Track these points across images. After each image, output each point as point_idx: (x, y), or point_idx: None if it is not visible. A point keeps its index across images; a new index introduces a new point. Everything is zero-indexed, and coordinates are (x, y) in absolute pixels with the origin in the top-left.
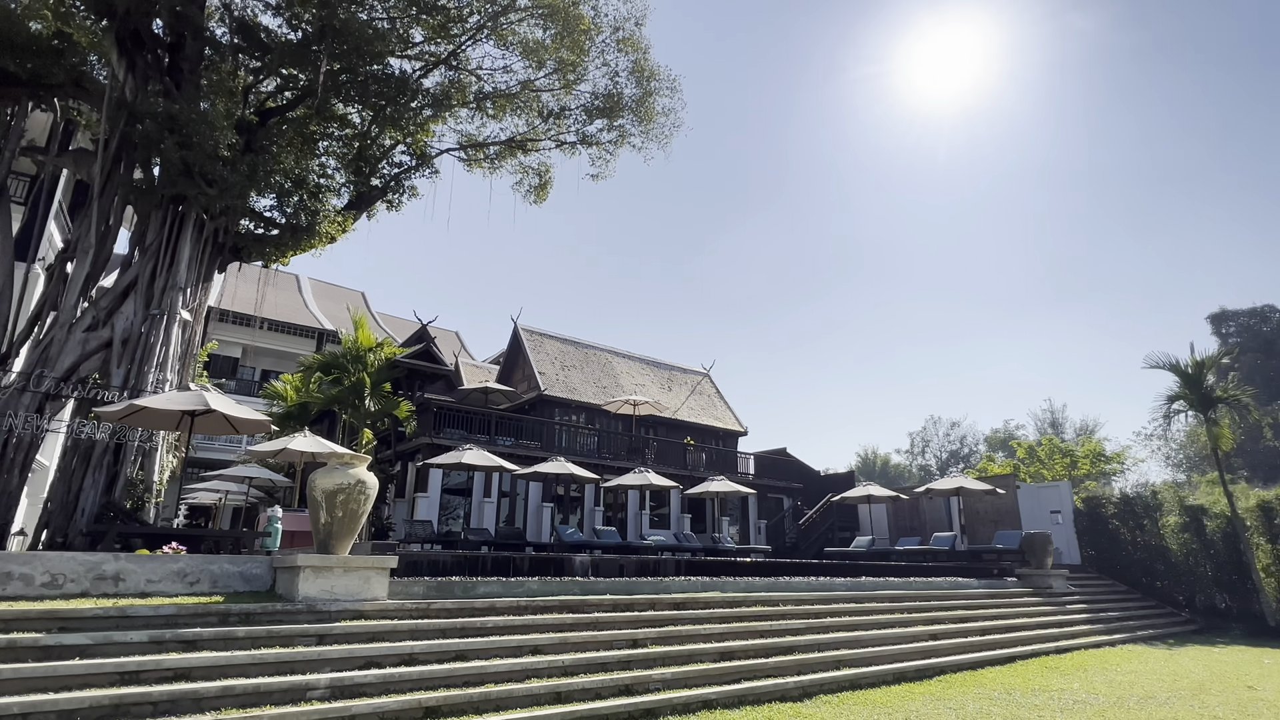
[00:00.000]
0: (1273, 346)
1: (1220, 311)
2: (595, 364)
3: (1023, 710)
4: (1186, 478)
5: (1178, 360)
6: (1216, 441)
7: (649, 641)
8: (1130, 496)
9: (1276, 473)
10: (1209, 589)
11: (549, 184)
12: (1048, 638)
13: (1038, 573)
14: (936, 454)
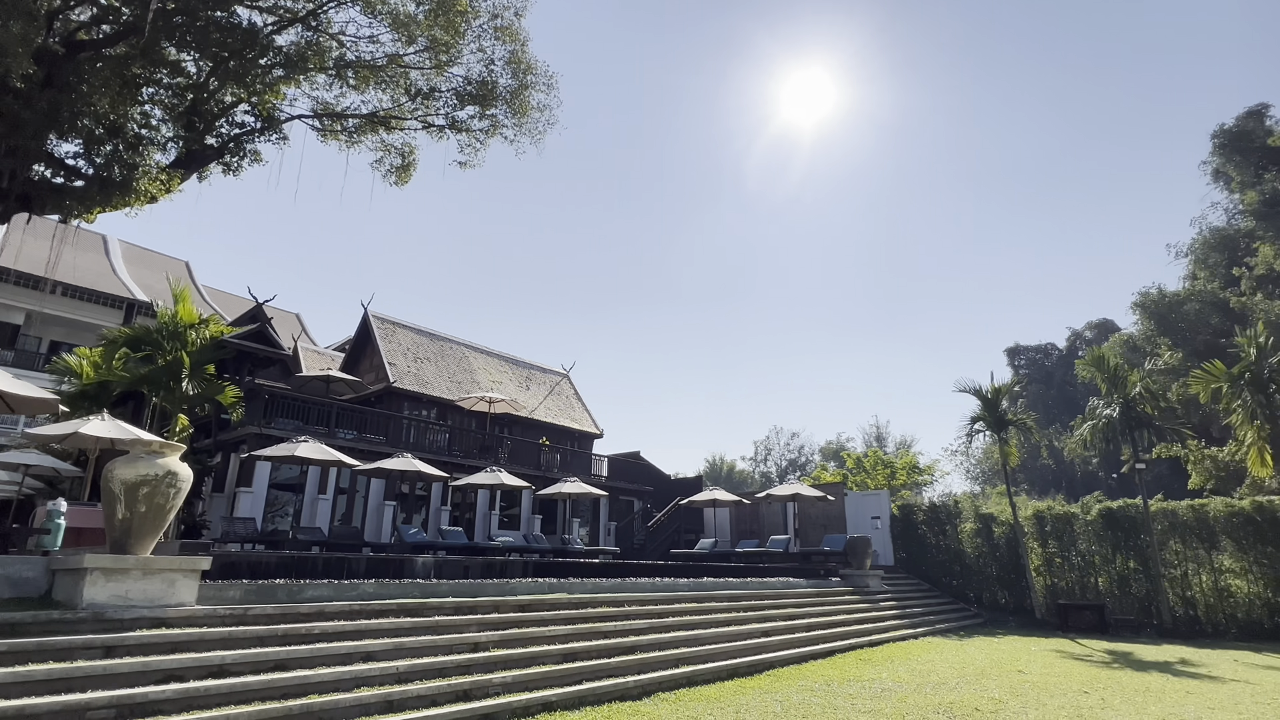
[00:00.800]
0: (1052, 378)
1: (1014, 346)
2: (451, 358)
3: (838, 699)
4: (981, 489)
5: (980, 386)
6: (1006, 458)
7: (491, 645)
8: (937, 505)
9: (1049, 487)
10: (993, 587)
11: (412, 166)
12: (864, 632)
13: (858, 573)
14: (777, 462)
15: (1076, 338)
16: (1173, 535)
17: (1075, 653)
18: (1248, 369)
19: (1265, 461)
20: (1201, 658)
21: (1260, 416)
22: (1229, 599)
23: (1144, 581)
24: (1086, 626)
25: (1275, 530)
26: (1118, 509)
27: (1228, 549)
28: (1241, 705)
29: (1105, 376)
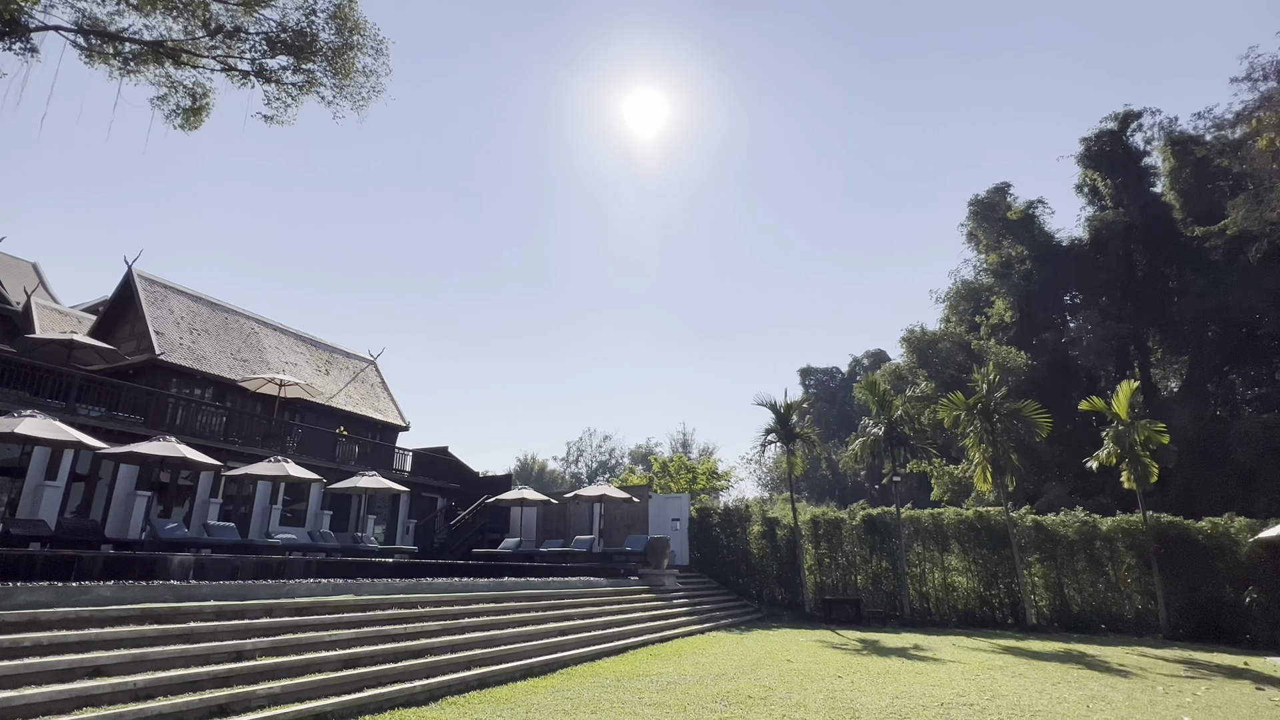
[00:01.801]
0: (835, 398)
1: (807, 367)
2: (237, 333)
3: (627, 694)
4: (770, 496)
5: (775, 402)
6: (792, 468)
7: (259, 653)
8: (731, 509)
9: (825, 495)
10: (773, 584)
11: (205, 110)
12: (657, 629)
13: (656, 572)
14: (589, 463)
15: (857, 364)
16: (917, 539)
17: (835, 642)
18: (980, 401)
19: (986, 479)
20: (930, 643)
21: (985, 441)
22: (953, 592)
23: (892, 579)
24: (846, 619)
25: (989, 535)
26: (877, 516)
27: (955, 551)
28: (954, 680)
29: (875, 400)
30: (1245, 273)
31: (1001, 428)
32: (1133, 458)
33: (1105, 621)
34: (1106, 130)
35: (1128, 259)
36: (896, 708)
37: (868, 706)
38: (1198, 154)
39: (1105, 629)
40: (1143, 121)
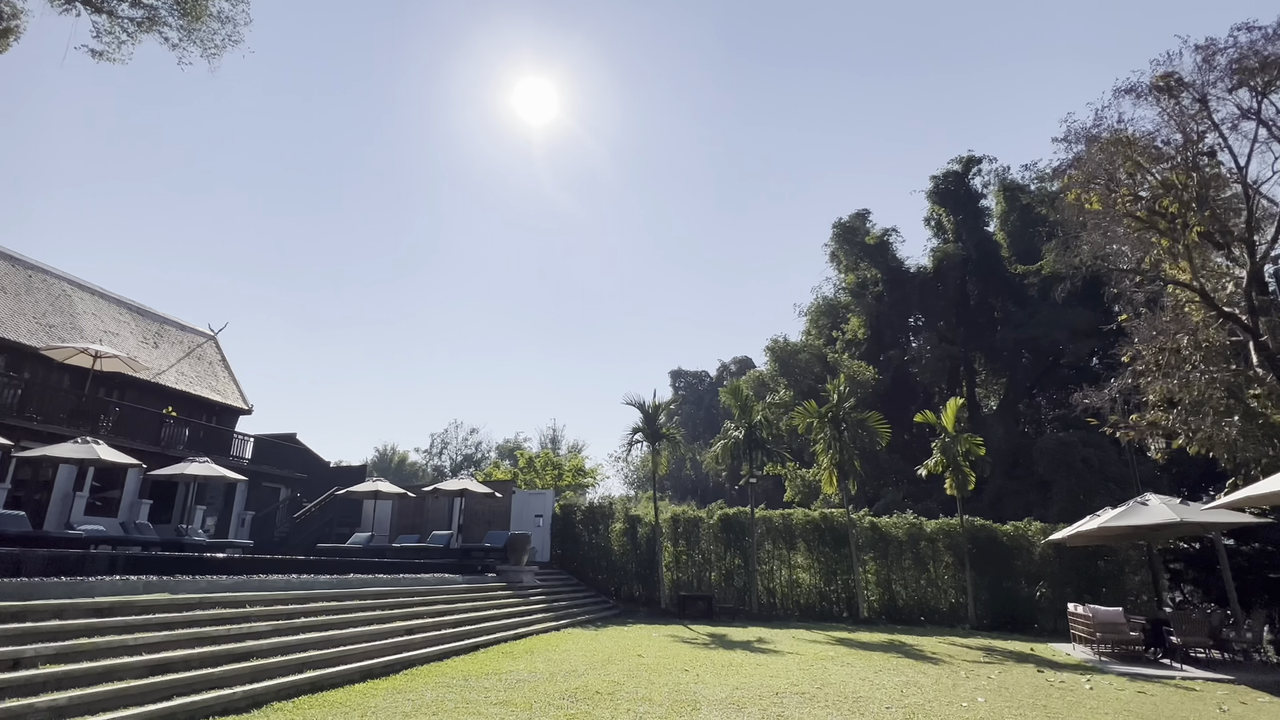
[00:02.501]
0: (702, 401)
1: (678, 369)
2: (44, 294)
3: (474, 693)
4: (635, 494)
5: (644, 401)
6: (657, 467)
7: (43, 660)
8: (595, 506)
9: (688, 494)
10: (632, 581)
11: (13, 33)
12: (511, 626)
13: (514, 569)
14: (453, 456)
15: (725, 369)
16: (768, 538)
17: (685, 637)
18: (831, 410)
19: (833, 482)
20: (773, 636)
21: (834, 447)
22: (797, 588)
23: (744, 575)
24: (699, 614)
25: (832, 535)
26: (733, 515)
27: (801, 549)
28: (790, 671)
29: (738, 405)
30: (1054, 309)
31: (848, 436)
32: (955, 467)
33: (924, 614)
34: (952, 171)
35: (963, 289)
36: (735, 698)
37: (709, 697)
38: (1023, 200)
39: (924, 621)
40: (982, 167)
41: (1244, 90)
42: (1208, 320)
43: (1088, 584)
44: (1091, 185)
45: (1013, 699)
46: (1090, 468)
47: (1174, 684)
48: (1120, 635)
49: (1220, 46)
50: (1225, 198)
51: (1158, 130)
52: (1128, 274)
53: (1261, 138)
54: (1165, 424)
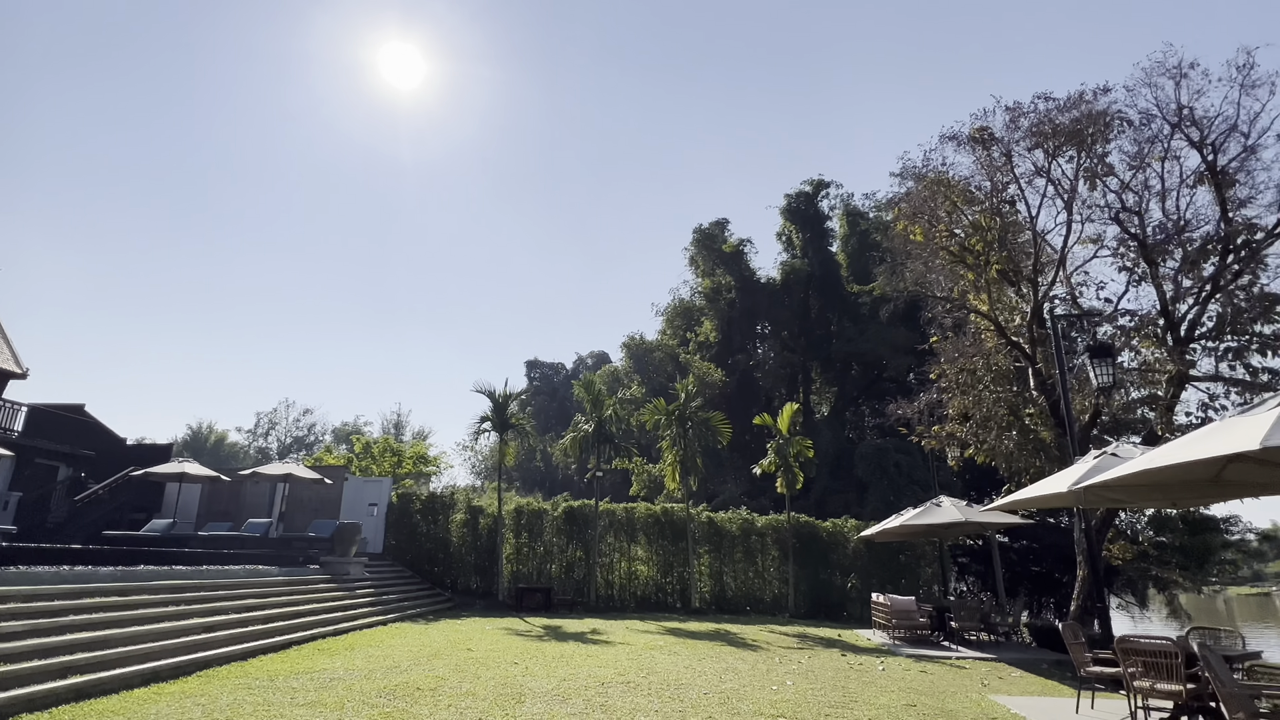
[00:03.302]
0: (557, 393)
1: (534, 360)
2: None
3: (278, 695)
4: (482, 484)
5: (494, 390)
6: (503, 456)
7: None
8: (435, 496)
9: (537, 486)
10: (470, 573)
11: None
12: (332, 621)
13: (340, 560)
14: (281, 438)
15: (581, 362)
16: (611, 531)
17: (520, 629)
18: (678, 408)
19: (675, 478)
20: (608, 627)
21: (678, 444)
22: (635, 580)
23: (584, 567)
24: (537, 606)
25: (671, 528)
26: (577, 508)
27: (642, 542)
28: (619, 661)
29: (590, 398)
30: (880, 327)
31: (693, 434)
32: (787, 467)
33: (751, 604)
34: (804, 192)
35: (806, 302)
36: (561, 689)
37: (535, 689)
38: (862, 226)
39: (750, 610)
40: (830, 191)
41: (1039, 151)
42: (999, 347)
43: (890, 575)
44: (917, 219)
45: (817, 681)
46: (900, 471)
47: (950, 663)
48: (912, 621)
49: (1024, 110)
50: (1020, 242)
51: (972, 176)
52: (940, 301)
53: (1049, 194)
54: (960, 435)
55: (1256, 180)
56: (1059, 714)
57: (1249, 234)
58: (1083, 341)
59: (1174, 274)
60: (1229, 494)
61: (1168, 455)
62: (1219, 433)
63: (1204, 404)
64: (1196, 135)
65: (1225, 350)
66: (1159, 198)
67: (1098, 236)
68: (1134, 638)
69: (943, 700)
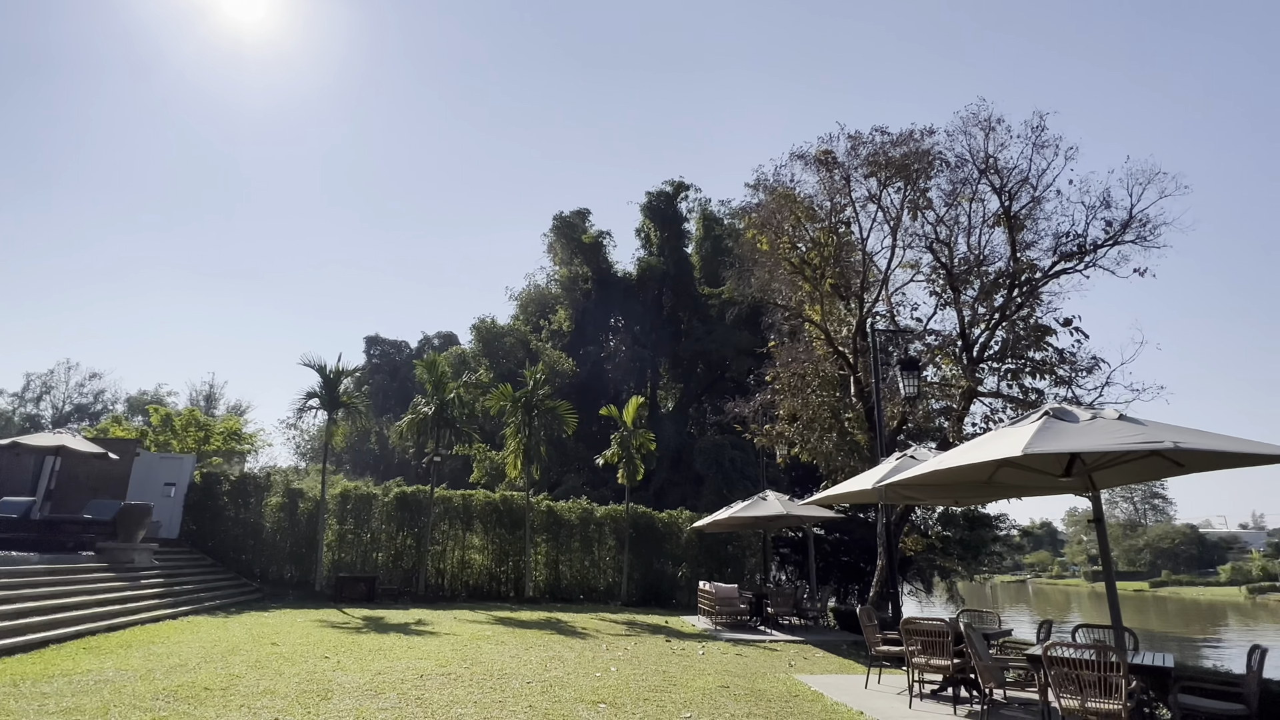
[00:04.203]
0: (399, 372)
1: (375, 336)
2: None
3: (25, 702)
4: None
5: (325, 364)
6: (331, 437)
7: None
8: (248, 477)
9: (370, 469)
10: (284, 562)
11: None
12: (107, 615)
13: (124, 547)
14: (58, 405)
15: (427, 342)
16: (446, 518)
17: (337, 621)
18: (525, 395)
19: (517, 466)
20: (435, 618)
21: (523, 432)
22: (468, 569)
23: (414, 556)
24: (359, 597)
25: (510, 516)
26: (410, 493)
27: (479, 530)
28: (442, 651)
29: (432, 380)
30: (726, 329)
31: (539, 422)
32: (629, 458)
33: (584, 593)
34: (664, 191)
35: (659, 299)
36: (375, 683)
37: (346, 685)
38: (716, 231)
39: (584, 599)
40: (689, 194)
41: (874, 179)
42: (827, 355)
43: (718, 565)
44: (765, 229)
45: (640, 666)
46: (735, 467)
47: (764, 646)
48: (733, 608)
49: (863, 140)
50: (852, 260)
51: (815, 194)
52: (780, 309)
53: (879, 219)
54: (788, 435)
55: (1040, 227)
56: (851, 689)
57: (1031, 273)
58: (896, 355)
59: (972, 302)
60: (999, 494)
61: (952, 459)
62: (992, 441)
63: (987, 416)
64: (998, 182)
65: (1006, 371)
66: (965, 233)
67: (915, 262)
68: (916, 620)
69: (754, 681)
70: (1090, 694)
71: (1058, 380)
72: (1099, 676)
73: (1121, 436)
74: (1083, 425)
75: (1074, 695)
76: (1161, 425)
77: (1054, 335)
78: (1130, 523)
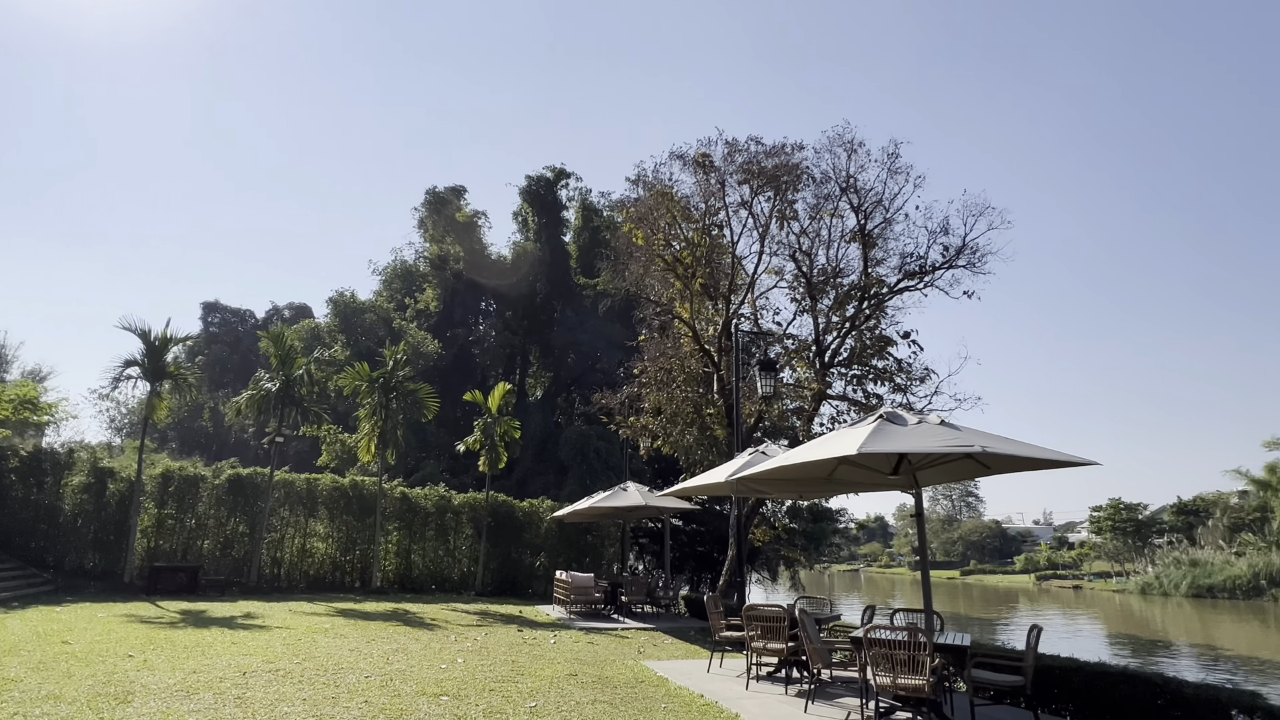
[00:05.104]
0: (241, 344)
1: (214, 302)
2: None
3: None
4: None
5: (150, 329)
6: (153, 411)
7: None
8: (44, 453)
9: (202, 449)
10: (87, 550)
11: None
12: None
13: None
14: None
15: (276, 313)
16: (287, 503)
17: (148, 615)
18: (384, 375)
19: (371, 450)
20: (267, 610)
21: (379, 414)
22: (309, 558)
23: (248, 543)
24: (178, 588)
25: (359, 503)
26: (246, 476)
27: (324, 517)
28: (272, 647)
29: (279, 354)
30: (599, 321)
31: (397, 404)
32: (491, 446)
33: (436, 583)
34: (545, 177)
35: (534, 286)
36: (188, 683)
37: (151, 685)
38: (595, 222)
39: (435, 589)
40: (570, 182)
41: (747, 186)
42: (693, 352)
43: (577, 554)
44: (642, 224)
45: (489, 657)
46: (599, 457)
47: (615, 634)
48: (589, 597)
49: (740, 147)
50: (723, 262)
51: (692, 195)
52: (653, 304)
53: (750, 225)
54: (653, 428)
55: (889, 246)
56: (694, 673)
57: (879, 287)
58: (757, 356)
59: (827, 310)
60: (839, 490)
61: (797, 456)
62: (833, 440)
63: (833, 418)
64: (856, 201)
65: (852, 376)
66: (825, 246)
67: (780, 269)
68: (757, 606)
69: (603, 668)
70: (901, 671)
71: (895, 387)
72: (909, 655)
73: (941, 440)
74: (910, 429)
75: (887, 673)
76: (975, 431)
77: (895, 346)
78: (948, 518)
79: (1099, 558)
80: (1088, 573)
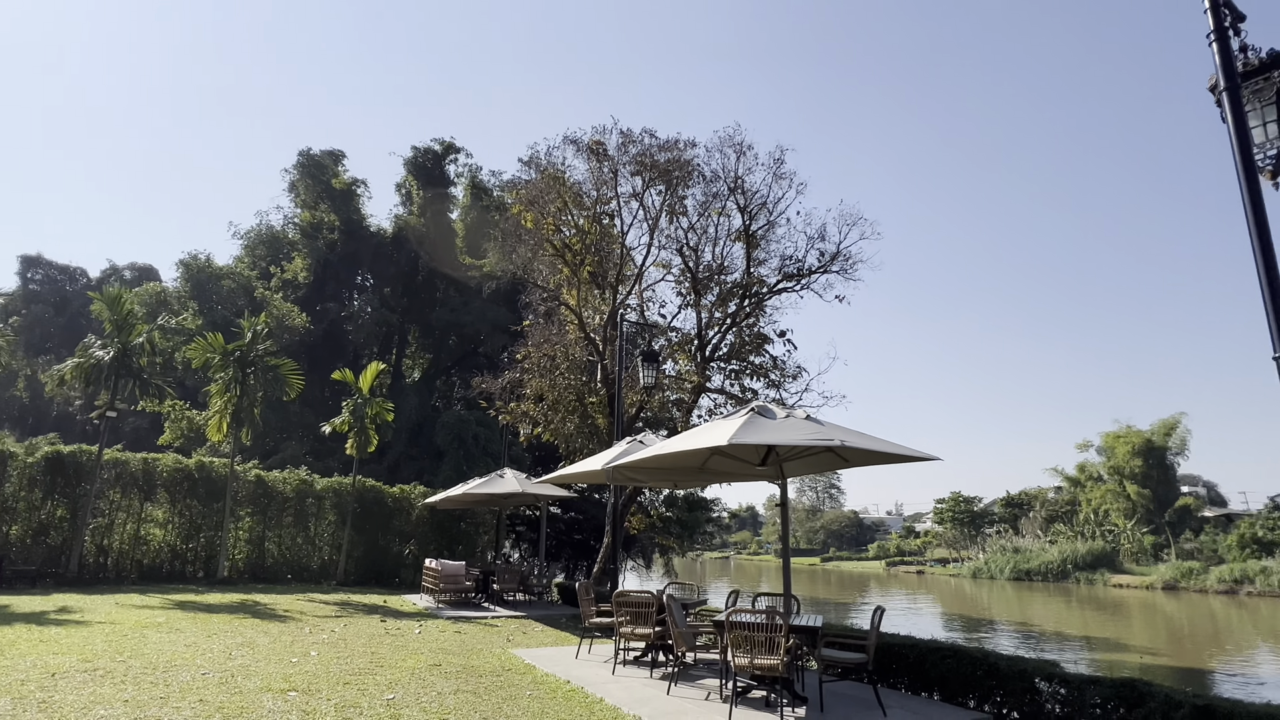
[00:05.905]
0: (68, 305)
1: (36, 256)
2: None
3: None
4: None
5: None
6: None
7: None
8: None
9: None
10: None
11: None
12: None
13: None
14: None
15: (114, 273)
16: (118, 485)
17: None
18: (240, 348)
19: (222, 428)
20: (87, 604)
21: (233, 390)
22: (143, 546)
23: (68, 530)
24: None
25: (207, 486)
26: (68, 454)
27: (163, 501)
28: (91, 644)
29: (114, 318)
30: (484, 303)
31: (255, 380)
32: (361, 428)
33: (293, 572)
34: (432, 150)
35: (415, 263)
36: None
37: None
38: (484, 201)
39: (291, 579)
40: (459, 157)
41: (639, 178)
42: (579, 340)
43: (449, 542)
44: (532, 207)
45: (347, 649)
46: (478, 443)
47: (485, 622)
48: (459, 585)
49: (634, 138)
50: (612, 251)
51: (584, 182)
52: (539, 289)
53: (640, 217)
54: (534, 414)
55: (771, 248)
56: (562, 660)
57: (760, 287)
58: (641, 347)
59: (710, 306)
60: (711, 479)
61: (671, 445)
62: (706, 431)
63: (711, 410)
64: (743, 202)
65: (731, 371)
66: (712, 243)
67: (668, 263)
68: (626, 592)
69: (469, 658)
70: (759, 652)
71: (770, 383)
72: (766, 637)
73: (806, 433)
74: (779, 422)
75: (746, 653)
76: (837, 427)
77: (771, 344)
78: (813, 509)
79: (940, 545)
80: (930, 559)
